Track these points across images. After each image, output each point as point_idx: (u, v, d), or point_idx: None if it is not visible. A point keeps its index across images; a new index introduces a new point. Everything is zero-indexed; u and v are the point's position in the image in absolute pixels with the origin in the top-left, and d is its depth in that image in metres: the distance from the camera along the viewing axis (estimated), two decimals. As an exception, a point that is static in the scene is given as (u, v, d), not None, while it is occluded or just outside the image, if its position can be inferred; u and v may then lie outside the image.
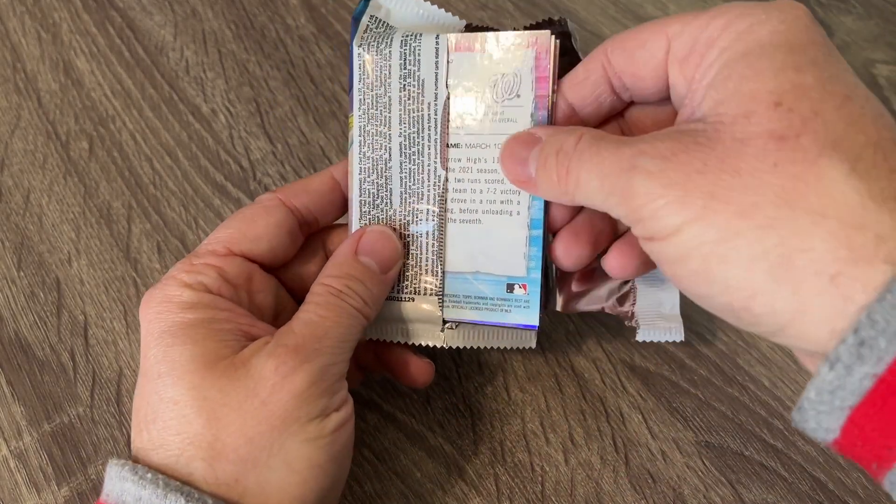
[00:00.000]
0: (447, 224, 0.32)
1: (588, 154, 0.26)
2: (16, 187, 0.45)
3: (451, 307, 0.32)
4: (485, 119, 0.31)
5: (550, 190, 0.28)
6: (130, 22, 0.52)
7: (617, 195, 0.25)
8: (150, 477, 0.26)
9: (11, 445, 0.36)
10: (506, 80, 0.30)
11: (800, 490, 0.34)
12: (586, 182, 0.26)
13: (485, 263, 0.32)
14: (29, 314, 0.40)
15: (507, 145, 0.30)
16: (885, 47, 0.48)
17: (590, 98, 0.30)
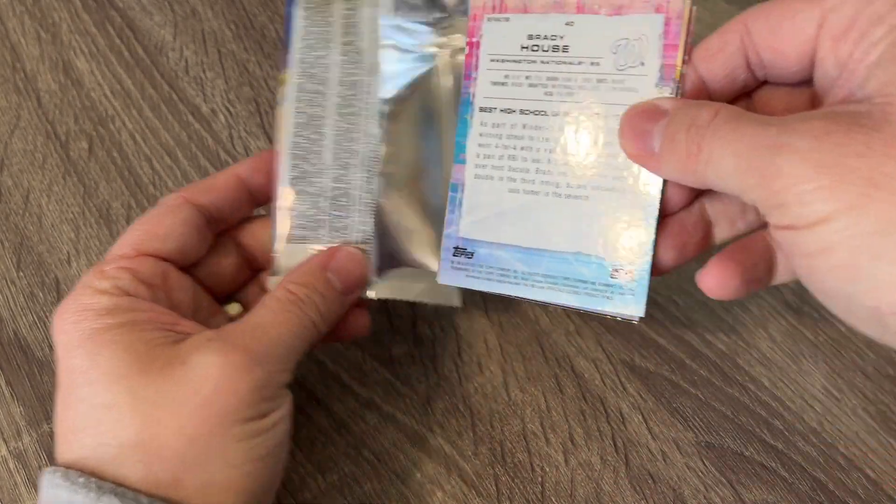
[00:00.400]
0: (551, 198, 0.29)
1: (725, 129, 0.24)
2: (15, 187, 0.45)
3: (545, 288, 0.29)
4: (601, 87, 0.28)
5: (676, 168, 0.25)
6: (130, 22, 0.52)
7: (756, 175, 0.22)
8: (82, 481, 0.25)
9: (11, 446, 0.36)
10: (630, 46, 0.28)
11: (800, 490, 0.34)
12: (719, 159, 0.23)
13: (589, 245, 0.29)
14: (28, 314, 0.40)
15: (627, 116, 0.27)
16: (885, 47, 0.48)
17: (722, 72, 0.27)
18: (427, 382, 0.37)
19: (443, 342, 0.38)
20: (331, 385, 0.37)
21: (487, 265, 0.30)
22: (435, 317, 0.39)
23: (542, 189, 0.30)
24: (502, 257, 0.30)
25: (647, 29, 0.28)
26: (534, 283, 0.30)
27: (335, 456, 0.36)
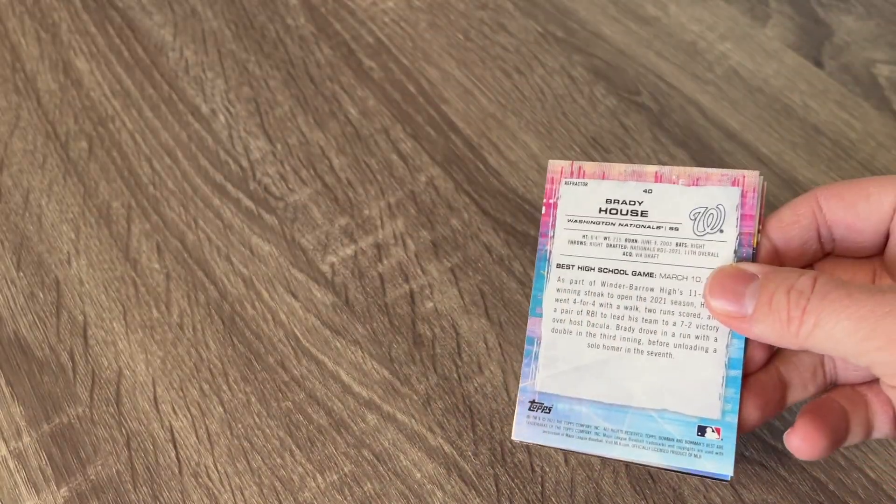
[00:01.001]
0: (633, 355, 0.30)
1: (836, 295, 0.25)
2: (15, 187, 0.45)
3: (630, 446, 0.29)
4: (680, 250, 0.30)
5: (773, 330, 0.26)
6: (130, 22, 0.52)
7: (880, 339, 0.24)
8: None
9: (11, 446, 0.36)
10: (708, 214, 0.30)
11: (800, 490, 0.34)
12: (833, 325, 0.24)
13: (674, 402, 0.29)
14: (28, 314, 0.40)
15: (716, 278, 0.28)
16: (885, 47, 0.48)
17: (796, 241, 0.29)
18: (427, 382, 0.37)
19: (443, 342, 0.38)
20: (331, 385, 0.37)
21: (567, 420, 0.30)
22: (435, 317, 0.39)
23: (624, 345, 0.30)
24: (582, 413, 0.30)
25: (725, 199, 0.30)
26: (617, 441, 0.29)
27: (335, 456, 0.36)
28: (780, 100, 0.46)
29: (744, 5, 0.50)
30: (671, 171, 0.31)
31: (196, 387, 0.38)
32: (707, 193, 0.30)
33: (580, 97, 0.47)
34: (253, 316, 0.39)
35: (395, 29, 0.51)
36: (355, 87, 0.48)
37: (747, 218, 0.29)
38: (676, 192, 0.30)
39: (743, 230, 0.29)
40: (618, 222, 0.31)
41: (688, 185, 0.30)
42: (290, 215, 0.43)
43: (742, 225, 0.29)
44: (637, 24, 0.50)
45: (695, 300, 0.29)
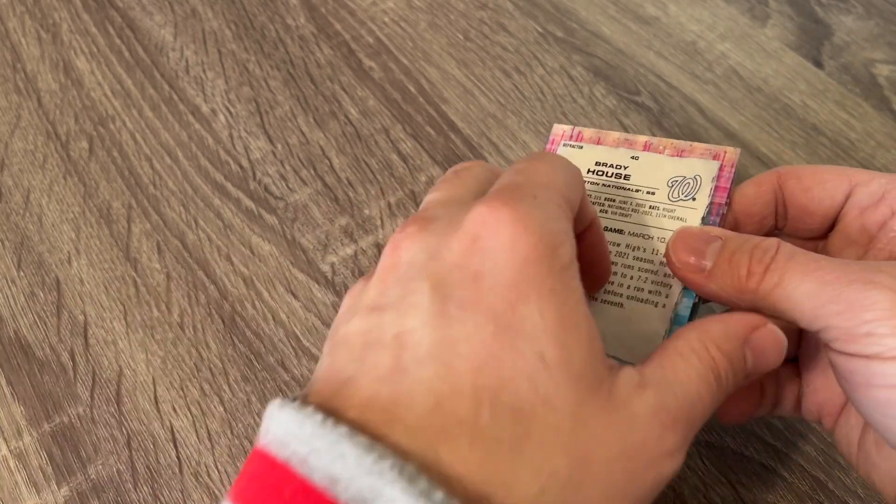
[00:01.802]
0: (588, 301, 0.30)
1: (802, 258, 0.25)
2: (16, 187, 0.45)
3: None
4: (652, 212, 0.31)
5: (730, 285, 0.26)
6: (130, 22, 0.52)
7: (843, 304, 0.23)
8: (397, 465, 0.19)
9: (11, 445, 0.36)
10: (685, 183, 0.31)
11: (800, 490, 0.34)
12: (795, 285, 0.24)
13: (617, 349, 0.30)
14: (29, 314, 0.40)
15: (681, 234, 0.28)
16: (885, 47, 0.48)
17: (756, 216, 0.30)
18: (427, 382, 0.37)
19: (443, 342, 0.38)
20: (331, 385, 0.37)
21: None
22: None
23: None
24: None
25: (703, 171, 0.31)
26: None
27: (335, 455, 0.36)
28: (779, 99, 0.46)
29: (743, 5, 0.50)
30: (660, 142, 0.32)
31: (196, 386, 0.38)
32: (688, 164, 0.31)
33: (580, 97, 0.47)
34: (253, 316, 0.40)
35: (395, 29, 0.51)
36: (355, 87, 0.48)
37: (721, 190, 0.31)
38: (661, 160, 0.32)
39: (714, 200, 0.31)
40: (602, 182, 0.32)
41: (672, 155, 0.32)
42: (290, 215, 0.43)
43: (715, 195, 0.31)
44: (637, 24, 0.50)
45: (655, 258, 0.30)
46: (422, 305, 0.21)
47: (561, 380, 0.21)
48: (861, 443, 0.29)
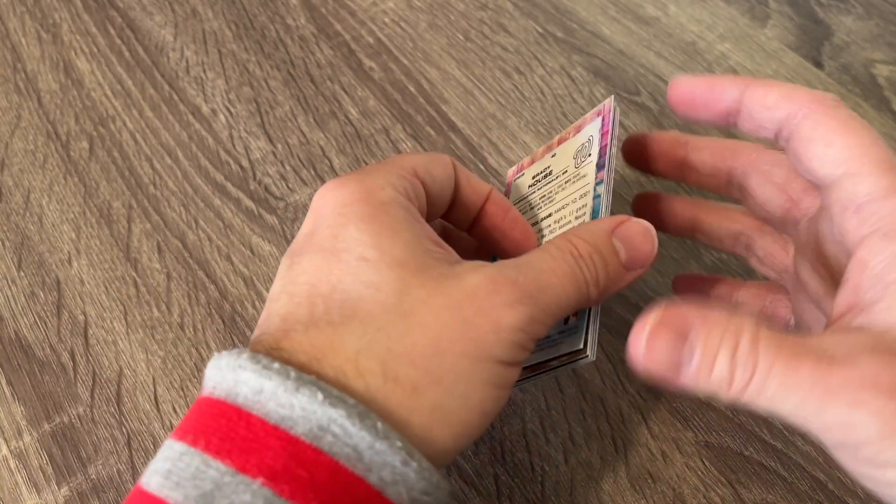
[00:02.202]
0: None
1: (784, 368, 0.23)
2: (16, 187, 0.45)
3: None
4: (567, 185, 0.33)
5: (709, 390, 0.24)
6: (131, 22, 0.52)
7: (828, 422, 0.23)
8: (276, 367, 0.23)
9: (11, 445, 0.36)
10: (583, 148, 0.33)
11: (800, 490, 0.34)
12: (782, 399, 0.23)
13: None
14: (29, 314, 0.40)
15: (647, 337, 0.24)
16: (884, 47, 0.48)
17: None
18: (427, 382, 0.37)
19: (443, 342, 0.38)
20: (331, 385, 0.37)
21: None
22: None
23: None
24: None
25: (593, 130, 0.33)
26: None
27: (335, 455, 0.36)
28: (779, 100, 0.46)
29: (743, 5, 0.50)
30: (566, 131, 0.35)
31: (197, 386, 0.38)
32: (585, 133, 0.33)
33: (580, 97, 0.47)
34: (253, 316, 0.40)
35: (396, 29, 0.51)
36: (355, 87, 0.48)
37: (605, 135, 0.32)
38: (569, 145, 0.34)
39: (601, 144, 0.32)
40: (535, 190, 0.35)
41: (575, 134, 0.34)
42: (290, 215, 0.43)
43: (601, 141, 0.32)
44: (637, 25, 0.50)
45: (575, 222, 0.31)
46: (280, 272, 0.27)
47: (383, 269, 0.25)
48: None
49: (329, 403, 0.23)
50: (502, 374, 0.25)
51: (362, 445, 0.23)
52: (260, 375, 0.23)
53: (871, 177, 0.25)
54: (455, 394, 0.24)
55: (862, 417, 0.22)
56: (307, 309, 0.25)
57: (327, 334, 0.24)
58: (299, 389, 0.23)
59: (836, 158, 0.26)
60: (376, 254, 0.25)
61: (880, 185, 0.25)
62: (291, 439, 0.22)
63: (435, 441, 0.24)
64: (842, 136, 0.26)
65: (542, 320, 0.26)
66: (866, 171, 0.26)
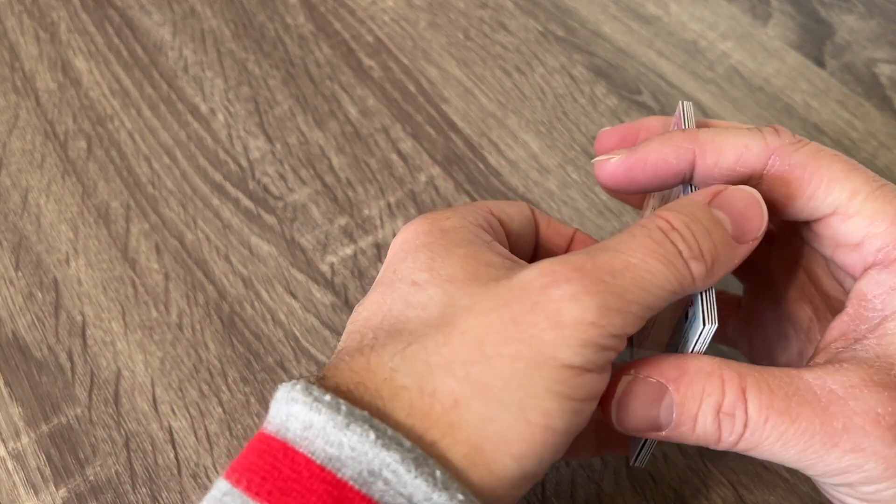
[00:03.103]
0: None
1: (780, 420, 0.22)
2: (14, 187, 0.44)
3: None
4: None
5: (696, 443, 0.24)
6: (129, 21, 0.52)
7: (831, 469, 0.22)
8: (327, 399, 0.21)
9: (9, 446, 0.36)
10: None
11: (801, 491, 0.34)
12: (782, 450, 0.22)
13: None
14: (27, 314, 0.40)
15: (622, 399, 0.24)
16: (886, 46, 0.48)
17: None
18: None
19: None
20: (330, 385, 0.37)
21: None
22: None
23: None
24: None
25: None
26: None
27: (335, 457, 0.35)
28: (781, 99, 0.46)
29: (745, 4, 0.50)
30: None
31: (195, 387, 0.37)
32: None
33: (581, 96, 0.46)
34: (252, 316, 0.39)
35: (395, 28, 0.51)
36: (355, 87, 0.48)
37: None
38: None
39: None
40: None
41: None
42: (289, 215, 0.43)
43: None
44: (638, 23, 0.50)
45: None
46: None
47: (431, 288, 0.23)
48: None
49: (382, 445, 0.20)
50: (574, 380, 0.21)
51: (417, 496, 0.20)
52: (310, 409, 0.21)
53: (863, 211, 0.24)
54: (509, 404, 0.21)
55: (865, 461, 0.22)
56: (357, 339, 0.24)
57: (367, 357, 0.22)
58: (349, 426, 0.20)
59: (822, 201, 0.25)
60: (427, 276, 0.24)
61: (876, 217, 0.24)
62: (338, 483, 0.20)
63: (490, 464, 0.21)
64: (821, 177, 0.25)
65: (623, 309, 0.22)
66: (855, 208, 0.25)
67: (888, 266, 0.24)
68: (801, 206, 0.25)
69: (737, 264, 0.24)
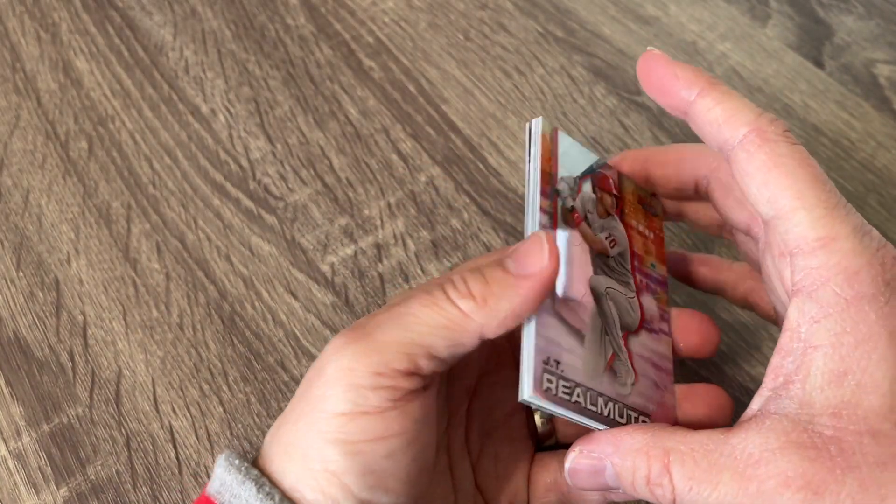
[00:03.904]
0: None
1: (703, 485, 0.24)
2: (15, 187, 0.45)
3: None
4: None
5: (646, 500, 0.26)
6: (130, 21, 0.52)
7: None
8: (237, 463, 0.26)
9: (10, 446, 0.36)
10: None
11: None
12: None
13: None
14: (28, 314, 0.40)
15: (571, 473, 0.27)
16: (885, 47, 0.48)
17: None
18: (427, 382, 0.37)
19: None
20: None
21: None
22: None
23: None
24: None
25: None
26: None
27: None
28: (780, 100, 0.46)
29: (744, 5, 0.50)
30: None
31: (196, 387, 0.37)
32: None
33: (580, 97, 0.47)
34: (253, 316, 0.39)
35: (395, 29, 0.51)
36: (355, 87, 0.48)
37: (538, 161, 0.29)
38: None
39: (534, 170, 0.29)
40: None
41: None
42: (289, 215, 0.43)
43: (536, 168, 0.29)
44: (637, 24, 0.50)
45: None
46: None
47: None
48: None
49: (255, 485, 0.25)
50: (347, 425, 0.24)
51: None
52: (226, 471, 0.26)
53: (801, 225, 0.24)
54: (295, 457, 0.25)
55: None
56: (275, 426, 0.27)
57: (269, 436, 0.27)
58: (244, 483, 0.25)
59: (769, 198, 0.25)
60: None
61: (810, 234, 0.24)
62: None
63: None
64: (777, 174, 0.25)
65: (381, 349, 0.25)
66: (798, 217, 0.24)
67: (812, 294, 0.24)
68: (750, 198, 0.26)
69: (525, 296, 0.25)
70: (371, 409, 0.24)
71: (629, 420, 0.28)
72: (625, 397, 0.28)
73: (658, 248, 0.32)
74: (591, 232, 0.30)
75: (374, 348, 0.25)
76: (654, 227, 0.33)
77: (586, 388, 0.27)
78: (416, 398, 0.25)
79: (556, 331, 0.27)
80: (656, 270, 0.32)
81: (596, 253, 0.29)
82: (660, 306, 0.31)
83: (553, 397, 0.26)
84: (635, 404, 0.28)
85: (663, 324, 0.31)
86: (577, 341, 0.27)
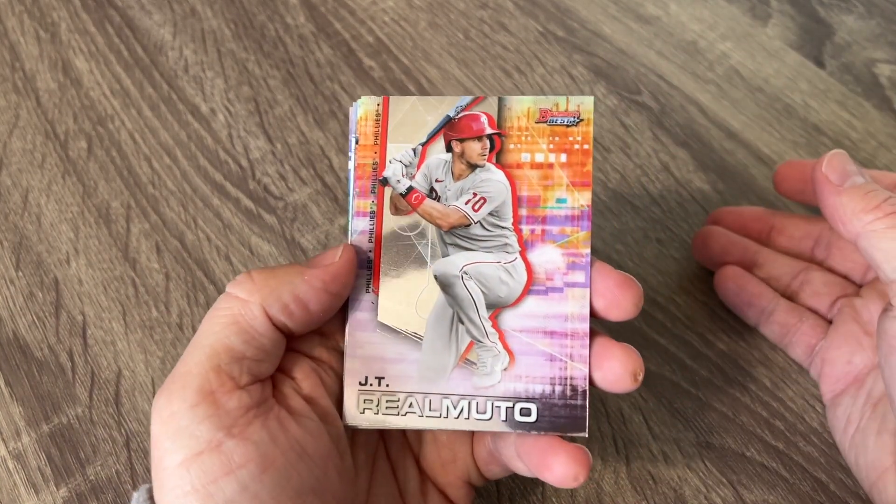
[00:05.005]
0: None
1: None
2: (14, 187, 0.44)
3: None
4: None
5: (852, 207, 0.30)
6: (129, 21, 0.52)
7: None
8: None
9: (10, 446, 0.36)
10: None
11: (801, 491, 0.34)
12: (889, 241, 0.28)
13: None
14: (27, 314, 0.40)
15: (833, 159, 0.31)
16: (886, 46, 0.48)
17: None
18: (427, 383, 0.37)
19: (443, 342, 0.38)
20: (330, 385, 0.37)
21: None
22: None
23: None
24: None
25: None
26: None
27: (335, 456, 0.35)
28: (780, 99, 0.46)
29: (744, 5, 0.50)
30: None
31: (196, 387, 0.37)
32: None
33: (580, 97, 0.46)
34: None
35: (395, 28, 0.51)
36: (355, 87, 0.48)
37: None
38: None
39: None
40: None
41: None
42: (289, 215, 0.43)
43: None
44: (637, 24, 0.50)
45: None
46: None
47: None
48: (864, 422, 0.31)
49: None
50: (181, 471, 0.25)
51: None
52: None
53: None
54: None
55: None
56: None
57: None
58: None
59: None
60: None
61: None
62: None
63: None
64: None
65: (192, 374, 0.25)
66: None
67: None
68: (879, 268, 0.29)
69: (309, 282, 0.26)
70: (204, 448, 0.24)
71: (494, 415, 0.26)
72: (490, 388, 0.26)
73: (574, 170, 0.27)
74: (437, 208, 0.27)
75: (183, 384, 0.24)
76: (567, 145, 0.27)
77: (424, 395, 0.26)
78: (253, 420, 0.24)
79: (378, 346, 0.26)
80: (567, 205, 0.26)
81: (449, 228, 0.27)
82: (569, 252, 0.26)
83: (375, 417, 0.25)
84: (512, 392, 0.26)
85: (575, 274, 0.26)
86: (410, 347, 0.26)
